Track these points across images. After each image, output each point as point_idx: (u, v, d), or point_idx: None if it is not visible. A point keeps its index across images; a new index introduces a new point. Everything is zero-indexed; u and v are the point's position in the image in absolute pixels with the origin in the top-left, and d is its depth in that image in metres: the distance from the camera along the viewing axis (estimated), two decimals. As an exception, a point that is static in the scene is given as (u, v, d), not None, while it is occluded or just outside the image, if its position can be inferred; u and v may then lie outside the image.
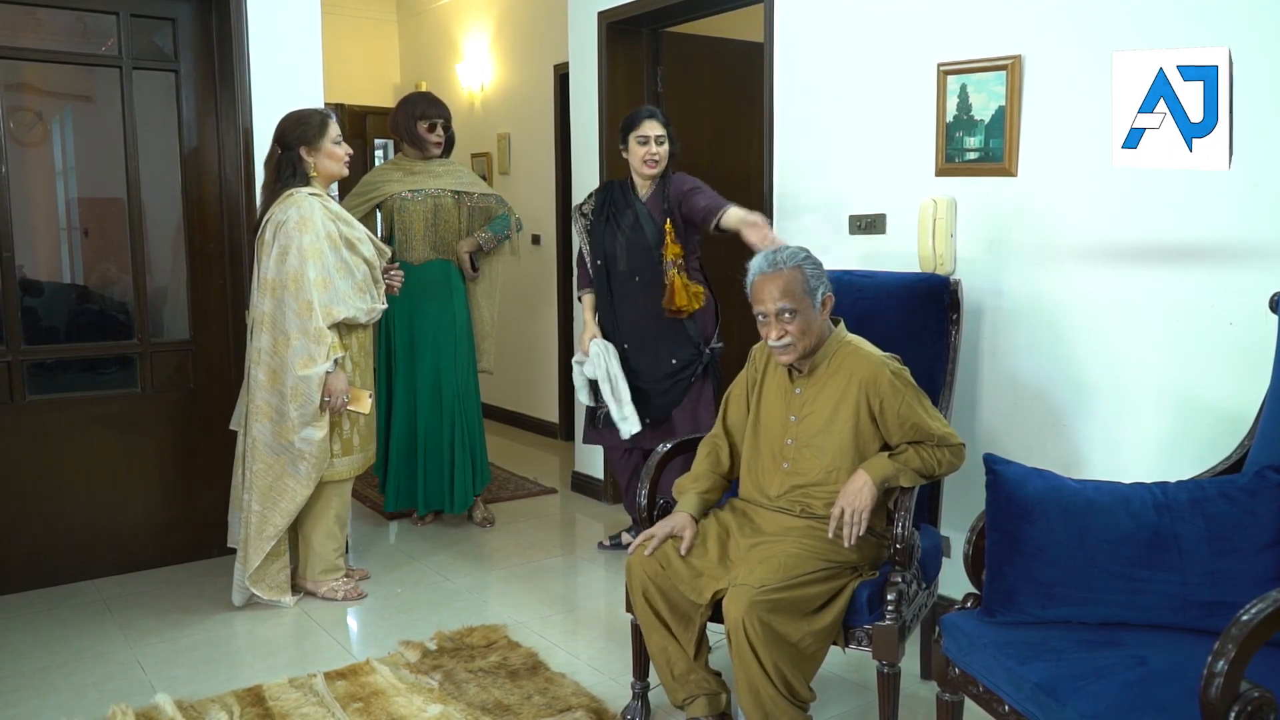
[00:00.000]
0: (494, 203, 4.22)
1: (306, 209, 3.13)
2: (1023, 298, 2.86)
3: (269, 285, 3.15)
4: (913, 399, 2.35)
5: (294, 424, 3.17)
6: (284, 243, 3.11)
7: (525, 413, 6.15)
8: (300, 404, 3.15)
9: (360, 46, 7.07)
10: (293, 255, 3.11)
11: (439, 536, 4.11)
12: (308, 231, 3.11)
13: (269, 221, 3.17)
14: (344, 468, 3.37)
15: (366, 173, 4.30)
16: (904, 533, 2.26)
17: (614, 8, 4.29)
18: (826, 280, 2.41)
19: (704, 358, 3.63)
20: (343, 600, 3.42)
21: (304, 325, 3.13)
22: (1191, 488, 1.96)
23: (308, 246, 3.11)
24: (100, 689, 2.76)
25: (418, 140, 4.02)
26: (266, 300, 3.15)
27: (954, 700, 2.07)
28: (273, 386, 3.18)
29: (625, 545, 3.93)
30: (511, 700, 2.65)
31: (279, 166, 3.22)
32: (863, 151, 3.26)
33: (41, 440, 3.48)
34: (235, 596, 3.32)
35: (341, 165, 3.30)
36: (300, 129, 3.21)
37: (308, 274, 3.11)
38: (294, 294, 3.11)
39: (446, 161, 4.13)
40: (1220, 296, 2.43)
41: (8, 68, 3.45)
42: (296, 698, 2.67)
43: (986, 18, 2.87)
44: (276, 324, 3.15)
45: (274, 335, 3.16)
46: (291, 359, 3.14)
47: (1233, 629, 1.48)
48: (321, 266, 3.14)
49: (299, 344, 3.13)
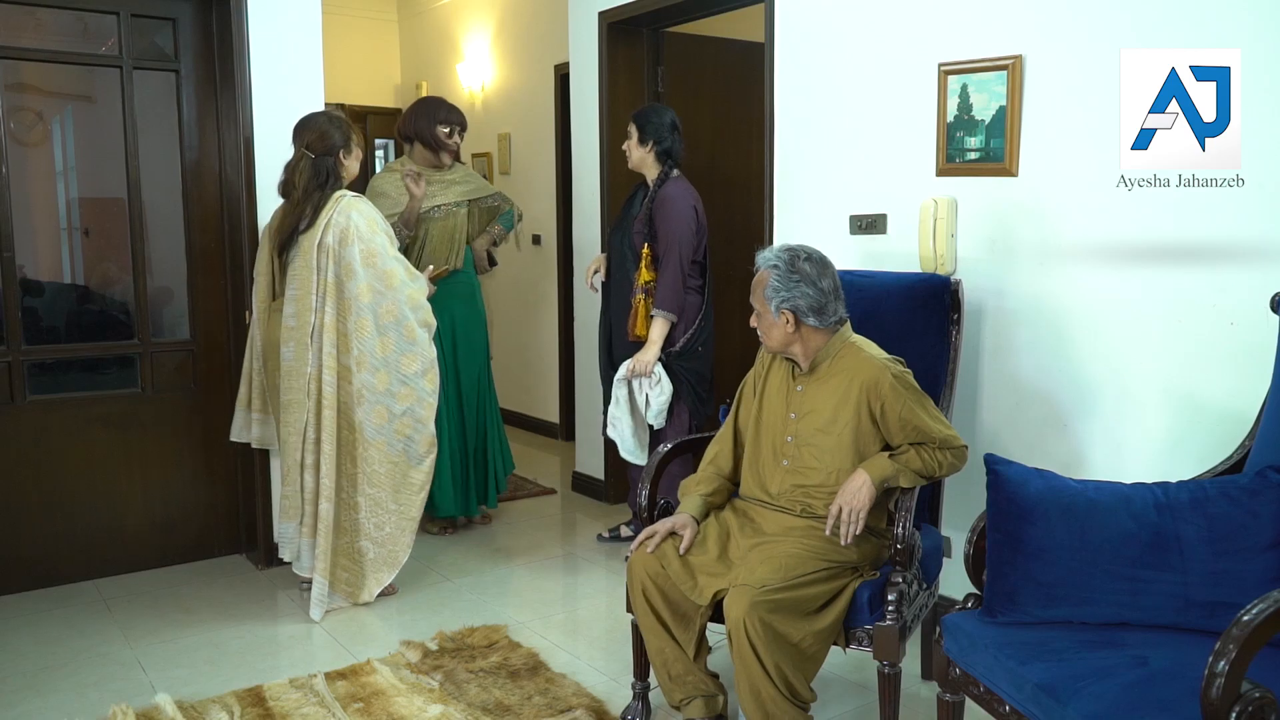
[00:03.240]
0: (496, 201, 4.23)
1: (369, 212, 3.27)
2: (1024, 298, 2.86)
3: (354, 291, 3.18)
4: (914, 402, 2.35)
5: (431, 406, 3.34)
6: (366, 247, 3.20)
7: (525, 413, 6.15)
8: (433, 383, 3.35)
9: (361, 46, 7.07)
10: (380, 257, 3.22)
11: (439, 536, 4.11)
12: (381, 232, 3.27)
13: (328, 226, 3.16)
14: None
15: (372, 176, 4.28)
16: (905, 533, 2.26)
17: (615, 7, 4.28)
18: (803, 296, 2.33)
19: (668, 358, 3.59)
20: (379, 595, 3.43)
21: (418, 313, 3.31)
22: (1193, 488, 1.96)
23: (386, 246, 3.26)
24: (101, 689, 2.77)
25: (437, 144, 3.97)
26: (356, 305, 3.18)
27: (955, 700, 2.07)
28: (384, 387, 3.25)
29: (624, 538, 3.93)
30: (512, 700, 2.65)
31: (318, 173, 3.22)
32: (863, 151, 3.26)
33: (42, 440, 3.48)
34: (314, 611, 3.23)
35: (357, 166, 3.38)
36: (336, 134, 3.26)
37: (399, 270, 3.27)
38: (400, 289, 3.26)
39: (454, 168, 4.11)
40: (1221, 296, 2.43)
41: (8, 67, 3.45)
42: (297, 698, 2.68)
43: (987, 18, 2.87)
44: (382, 325, 3.24)
45: (380, 337, 3.24)
46: (421, 346, 3.31)
47: (1234, 629, 1.48)
48: (399, 259, 3.30)
49: (421, 333, 3.31)
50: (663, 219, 3.56)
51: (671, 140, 3.63)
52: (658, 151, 3.62)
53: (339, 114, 3.36)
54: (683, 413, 3.67)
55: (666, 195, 3.59)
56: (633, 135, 3.66)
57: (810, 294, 2.34)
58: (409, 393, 3.30)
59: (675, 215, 3.56)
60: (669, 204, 3.57)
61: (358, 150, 3.33)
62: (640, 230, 3.62)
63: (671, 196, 3.59)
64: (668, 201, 3.58)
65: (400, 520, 3.34)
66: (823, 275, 2.37)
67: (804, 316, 2.35)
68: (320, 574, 3.21)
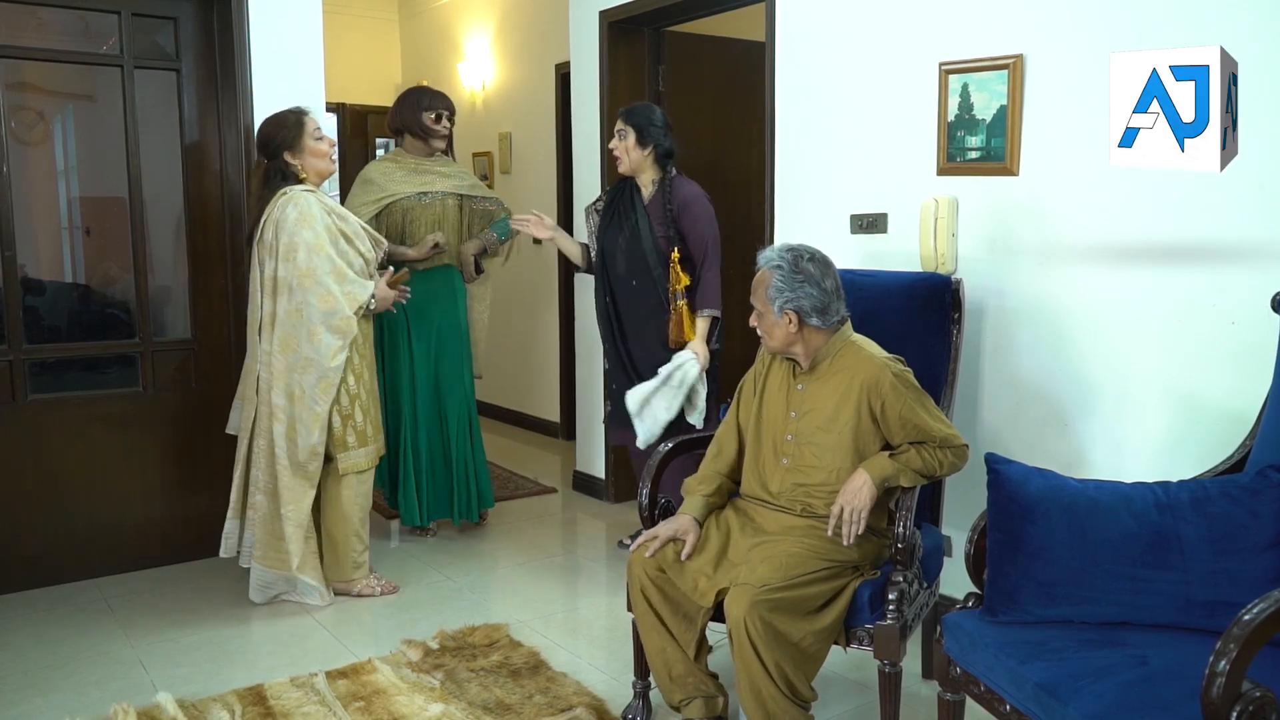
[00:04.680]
0: (493, 205, 4.12)
1: (304, 205, 3.13)
2: (1024, 297, 2.86)
3: (278, 285, 3.14)
4: (914, 401, 2.35)
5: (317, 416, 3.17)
6: (289, 240, 3.11)
7: (526, 412, 6.15)
8: (325, 393, 3.17)
9: (361, 46, 7.07)
10: (301, 252, 3.11)
11: (440, 536, 4.11)
12: (310, 226, 3.12)
13: (267, 222, 3.16)
14: (363, 457, 3.35)
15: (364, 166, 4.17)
16: (905, 532, 2.26)
17: (615, 7, 4.28)
18: (807, 297, 2.33)
19: None
20: (380, 595, 3.43)
21: (328, 319, 3.14)
22: (1193, 487, 1.96)
23: (314, 241, 3.12)
24: (102, 688, 2.77)
25: (426, 132, 3.90)
26: (278, 301, 3.15)
27: (955, 700, 2.07)
28: (282, 387, 3.17)
29: None
30: (513, 699, 2.66)
31: (267, 176, 3.22)
32: (864, 151, 3.26)
33: (43, 439, 3.48)
34: (255, 594, 3.31)
35: (328, 161, 3.29)
36: (279, 134, 3.21)
37: (321, 268, 3.12)
38: (312, 289, 3.12)
39: (448, 161, 4.04)
40: (1222, 296, 2.43)
41: (9, 67, 3.45)
42: (298, 697, 2.68)
43: (988, 17, 2.87)
44: (287, 323, 3.15)
45: (284, 333, 3.16)
46: (321, 352, 3.15)
47: (1234, 629, 1.48)
48: (330, 258, 3.15)
49: (327, 338, 3.15)
50: (691, 221, 3.55)
51: (669, 140, 3.61)
52: (658, 153, 3.59)
53: (295, 109, 3.28)
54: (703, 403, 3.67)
55: (688, 197, 3.56)
56: (629, 137, 3.57)
57: (814, 294, 2.34)
58: (300, 395, 3.18)
59: (705, 216, 3.57)
60: (694, 205, 3.56)
61: (313, 144, 3.22)
62: (665, 235, 3.57)
63: (693, 197, 3.57)
64: (692, 203, 3.56)
65: (293, 529, 3.21)
66: (825, 275, 2.37)
67: (808, 317, 2.35)
68: (258, 562, 3.29)
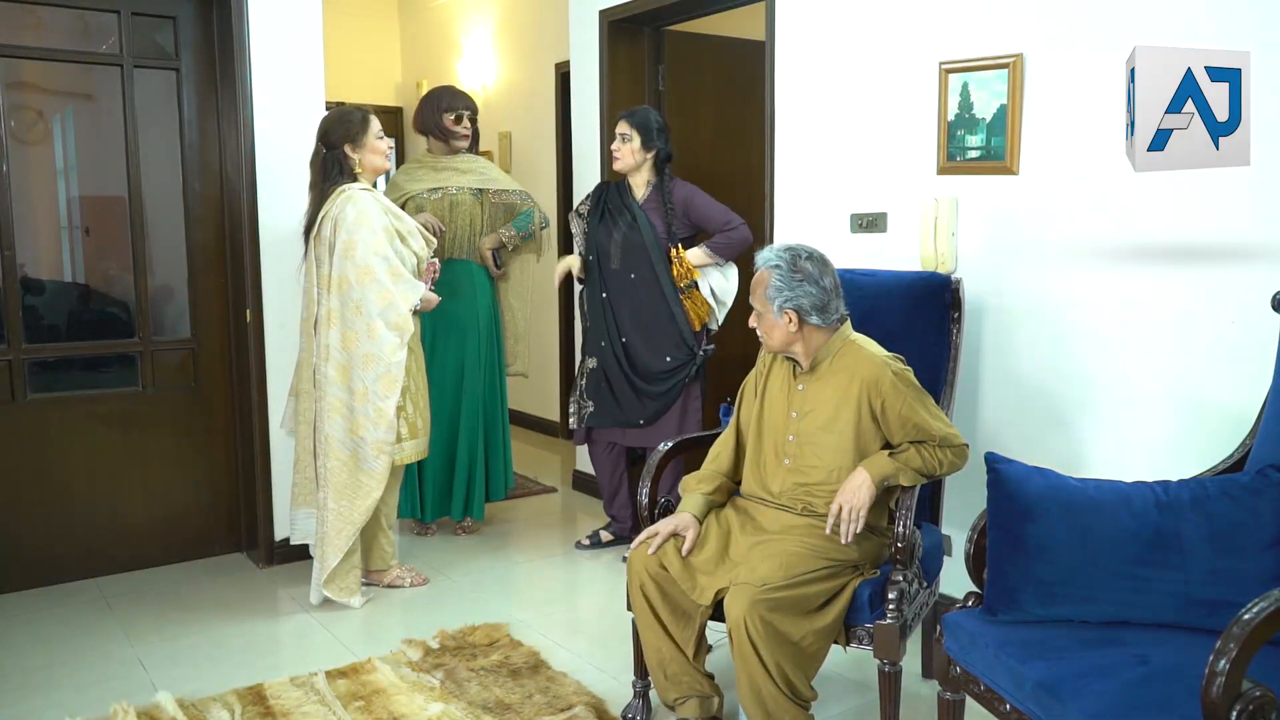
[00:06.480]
0: (517, 199, 4.12)
1: (363, 204, 3.19)
2: (1024, 296, 2.86)
3: (336, 282, 3.17)
4: (914, 400, 2.35)
5: (381, 411, 3.19)
6: (347, 238, 3.15)
7: (526, 411, 6.15)
8: (389, 389, 3.19)
9: (361, 45, 7.06)
10: (360, 249, 3.15)
11: (441, 535, 4.11)
12: (368, 225, 3.17)
13: (325, 218, 3.19)
14: (411, 450, 3.37)
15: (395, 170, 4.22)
16: (905, 531, 2.26)
17: (615, 6, 4.28)
18: (806, 295, 2.34)
19: (697, 360, 3.66)
20: (410, 587, 3.48)
21: (385, 314, 3.19)
22: (1193, 486, 1.96)
23: (372, 240, 3.16)
24: (102, 687, 2.77)
25: (445, 133, 3.96)
26: (334, 297, 3.18)
27: (955, 699, 2.07)
28: (343, 382, 3.20)
29: (605, 544, 3.92)
30: (513, 699, 2.66)
31: (325, 166, 3.25)
32: (864, 150, 3.26)
33: (43, 439, 3.48)
34: (313, 595, 3.32)
35: (384, 159, 3.35)
36: (344, 127, 3.25)
37: (378, 266, 3.17)
38: (370, 286, 3.16)
39: (471, 158, 4.06)
40: (1222, 295, 2.43)
41: (9, 66, 3.45)
42: (298, 696, 2.68)
43: (988, 16, 2.87)
44: (348, 319, 3.17)
45: (344, 330, 3.18)
46: (382, 348, 3.18)
47: (1234, 628, 1.48)
48: (386, 257, 3.20)
49: (385, 334, 3.19)
50: (702, 207, 3.68)
51: (669, 145, 3.70)
52: (659, 158, 3.67)
53: (362, 108, 3.35)
54: (696, 400, 3.71)
55: (688, 193, 3.69)
56: (634, 140, 3.64)
57: (813, 293, 2.35)
58: (364, 391, 3.20)
59: (709, 200, 3.70)
60: (696, 197, 3.69)
61: (374, 142, 3.28)
62: (664, 230, 3.65)
63: (692, 191, 3.70)
64: (694, 196, 3.69)
65: (337, 522, 3.22)
66: (824, 273, 2.37)
67: (807, 315, 2.35)
68: (318, 561, 3.28)
